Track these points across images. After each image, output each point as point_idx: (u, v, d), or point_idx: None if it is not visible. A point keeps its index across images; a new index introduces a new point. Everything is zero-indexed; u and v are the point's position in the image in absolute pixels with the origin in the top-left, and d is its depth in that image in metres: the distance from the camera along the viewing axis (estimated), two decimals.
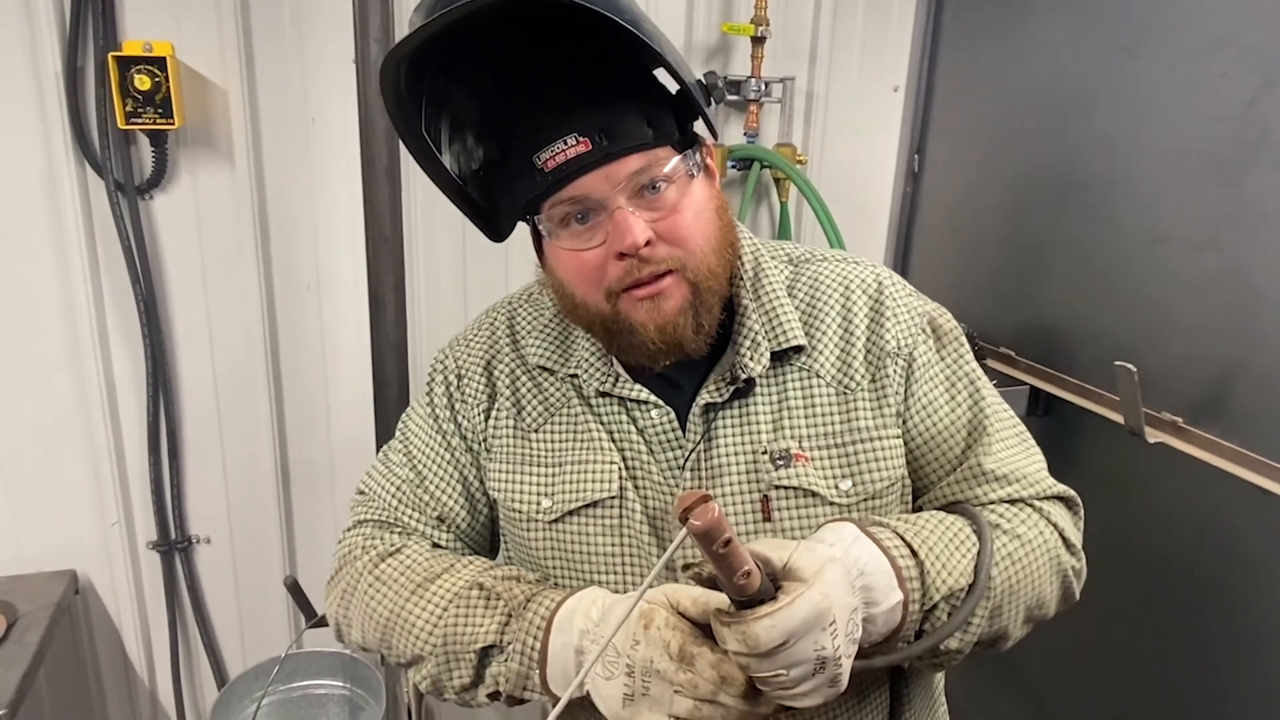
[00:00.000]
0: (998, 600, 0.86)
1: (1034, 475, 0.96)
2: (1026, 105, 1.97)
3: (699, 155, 0.89)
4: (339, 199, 2.03)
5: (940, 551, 0.84)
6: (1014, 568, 0.88)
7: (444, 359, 1.09)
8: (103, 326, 1.96)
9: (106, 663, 2.18)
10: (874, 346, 0.96)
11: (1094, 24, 1.76)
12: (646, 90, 0.84)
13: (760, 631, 0.68)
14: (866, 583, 0.77)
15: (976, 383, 1.00)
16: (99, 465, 2.03)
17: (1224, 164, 1.50)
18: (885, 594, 0.78)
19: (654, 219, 0.85)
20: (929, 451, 0.97)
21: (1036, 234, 1.94)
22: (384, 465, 1.10)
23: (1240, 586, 1.51)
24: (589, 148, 0.82)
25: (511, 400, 1.03)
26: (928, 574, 0.82)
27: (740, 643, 0.69)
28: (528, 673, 0.84)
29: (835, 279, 1.00)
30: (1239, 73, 1.47)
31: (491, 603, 0.90)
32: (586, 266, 0.88)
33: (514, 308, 1.10)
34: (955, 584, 0.83)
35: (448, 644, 0.90)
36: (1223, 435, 1.52)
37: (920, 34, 2.30)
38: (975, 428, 0.97)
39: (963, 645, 0.86)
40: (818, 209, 2.16)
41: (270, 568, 2.22)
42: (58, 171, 1.85)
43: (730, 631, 0.69)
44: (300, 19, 1.93)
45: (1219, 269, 1.52)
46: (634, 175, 0.84)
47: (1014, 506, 0.94)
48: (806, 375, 0.96)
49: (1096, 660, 1.82)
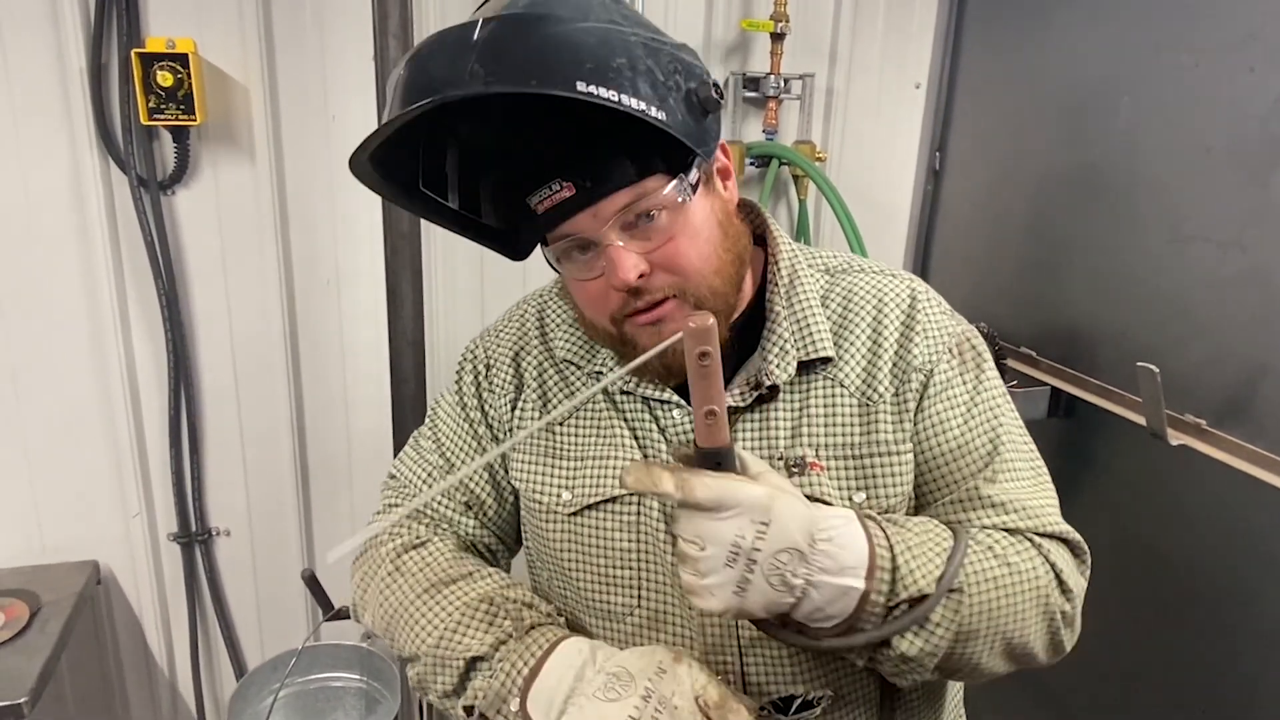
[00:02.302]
0: (971, 621, 0.82)
1: (1035, 509, 0.92)
2: (1049, 102, 1.94)
3: (696, 172, 0.87)
4: (358, 195, 2.01)
5: (918, 553, 0.80)
6: (996, 592, 0.83)
7: (474, 348, 1.11)
8: (125, 320, 1.99)
9: (127, 652, 2.21)
10: (901, 361, 0.95)
11: (1118, 20, 1.74)
12: (631, 122, 0.79)
13: (697, 484, 0.71)
14: (827, 548, 0.75)
15: (998, 411, 0.96)
16: (121, 458, 2.06)
17: (1250, 162, 1.48)
18: (842, 574, 0.75)
19: (648, 250, 0.86)
20: (933, 471, 0.95)
21: (1058, 233, 1.92)
22: (415, 451, 1.12)
23: (1265, 591, 1.49)
24: (574, 192, 0.83)
25: (538, 392, 1.04)
26: (899, 570, 0.78)
27: (676, 487, 0.71)
28: (507, 695, 0.85)
29: (869, 291, 0.99)
30: (1266, 69, 1.45)
31: (497, 621, 0.90)
32: (591, 296, 0.90)
33: (545, 300, 1.11)
34: (925, 587, 0.79)
35: (441, 647, 0.90)
36: (1247, 438, 1.50)
37: (942, 30, 2.28)
38: (989, 456, 0.93)
39: (921, 654, 0.81)
40: (837, 207, 2.14)
41: (289, 561, 2.24)
42: (82, 167, 1.87)
43: (672, 475, 0.71)
44: (321, 16, 1.94)
45: (1244, 269, 1.49)
46: (622, 211, 0.84)
47: (1011, 535, 0.89)
48: (831, 385, 0.95)
49: (1117, 665, 1.80)
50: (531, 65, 0.74)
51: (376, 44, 1.62)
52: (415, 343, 1.79)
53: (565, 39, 0.76)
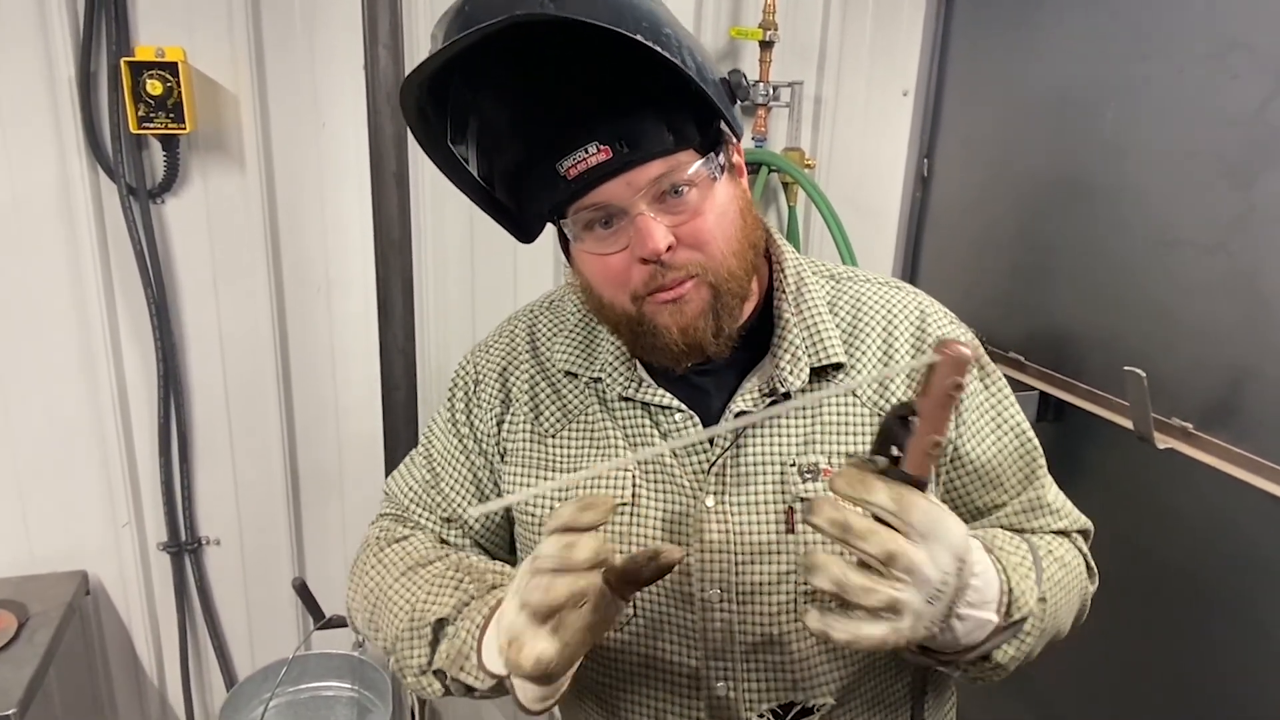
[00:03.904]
0: (1048, 622, 0.89)
1: (1070, 508, 1.04)
2: (1036, 109, 1.96)
3: (723, 155, 0.89)
4: (348, 203, 2.04)
5: (1021, 574, 0.85)
6: (1062, 594, 0.92)
7: (465, 365, 1.11)
8: (114, 329, 1.98)
9: (116, 663, 2.20)
10: (917, 373, 0.96)
11: (1104, 28, 1.76)
12: (668, 92, 0.83)
13: (918, 501, 0.69)
14: (977, 584, 0.76)
15: (1019, 415, 1.02)
16: (110, 467, 2.05)
17: (1234, 168, 1.49)
18: (984, 607, 0.77)
19: (675, 223, 0.85)
20: (981, 478, 0.98)
21: (1046, 238, 1.94)
22: (406, 467, 1.14)
23: (1250, 593, 1.50)
24: (610, 155, 0.82)
25: (530, 406, 1.04)
26: (1014, 596, 0.82)
27: (892, 500, 0.68)
28: (469, 653, 0.84)
29: (879, 302, 1.00)
30: (1250, 75, 1.46)
31: (463, 584, 0.91)
32: (611, 270, 0.88)
33: (534, 315, 1.11)
34: (1032, 607, 0.84)
35: (414, 619, 0.90)
36: (1233, 441, 1.51)
37: (930, 38, 2.30)
38: (1028, 458, 1.01)
39: (1012, 660, 0.86)
40: (826, 213, 2.15)
41: (279, 569, 2.24)
42: (70, 175, 1.86)
43: (887, 484, 0.69)
44: (311, 25, 1.94)
45: (1229, 273, 1.51)
46: (655, 181, 0.84)
47: (1059, 537, 1.00)
48: (844, 393, 0.96)
49: (1104, 666, 1.81)
50: (596, 5, 0.75)
51: (367, 53, 1.62)
52: (406, 351, 1.79)
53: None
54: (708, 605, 0.93)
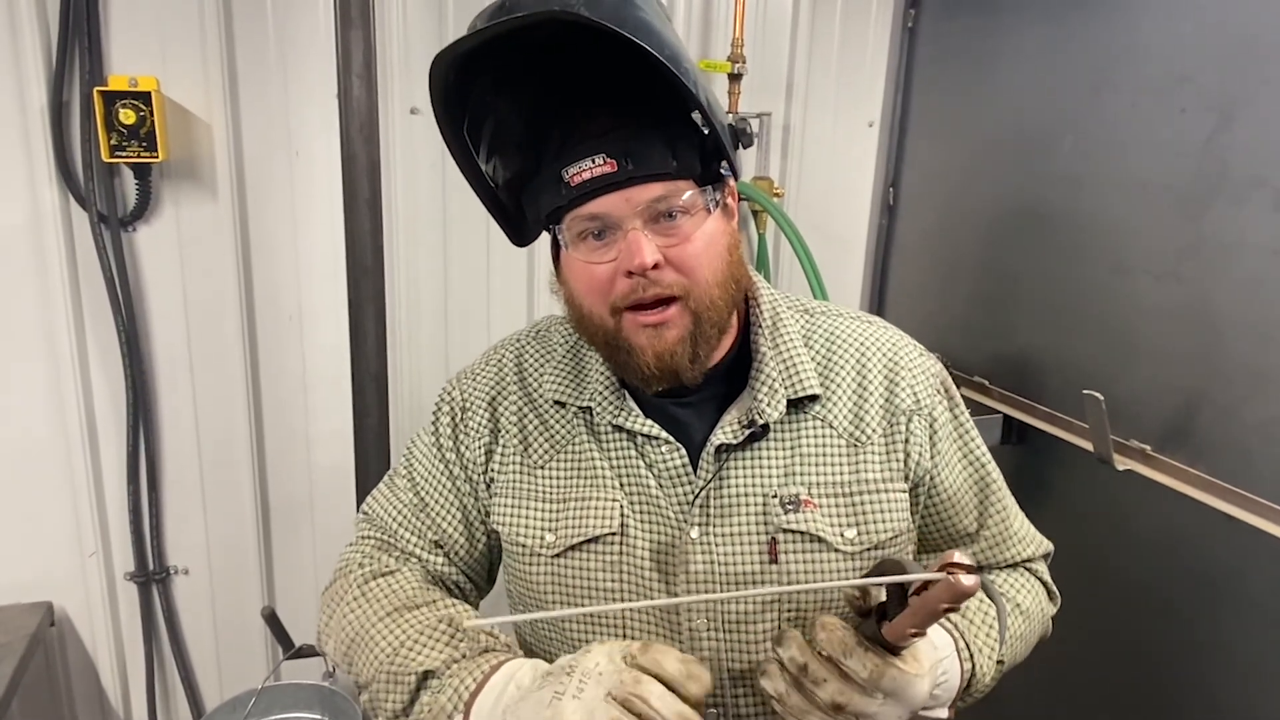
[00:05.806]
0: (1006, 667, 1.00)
1: (1033, 534, 1.10)
2: (997, 141, 2.02)
3: (719, 193, 0.93)
4: (321, 231, 2.05)
5: (982, 644, 0.96)
6: (1020, 643, 1.03)
7: (451, 390, 1.12)
8: (84, 357, 1.96)
9: (81, 695, 2.16)
10: (890, 405, 1.00)
11: (1061, 63, 1.82)
12: (677, 123, 0.87)
13: (896, 675, 0.80)
14: (939, 693, 0.89)
15: (979, 440, 1.07)
16: (77, 496, 2.02)
17: (1185, 198, 1.55)
18: (938, 709, 0.91)
19: (665, 245, 0.89)
20: (951, 504, 1.04)
21: (1008, 265, 1.99)
22: (388, 489, 1.12)
23: (1207, 608, 1.53)
24: (614, 169, 0.86)
25: (518, 437, 1.05)
26: (975, 675, 0.94)
27: (871, 670, 0.79)
28: (453, 713, 0.85)
29: (851, 337, 1.04)
30: (1198, 110, 1.52)
31: (455, 639, 0.91)
32: (596, 280, 0.91)
33: (522, 345, 1.12)
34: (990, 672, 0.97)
35: (395, 663, 0.91)
36: (1188, 462, 1.55)
37: (894, 71, 2.36)
38: (984, 484, 1.06)
39: (968, 703, 0.98)
40: (794, 241, 2.19)
41: (249, 599, 2.21)
42: (41, 203, 1.85)
43: (865, 653, 0.80)
44: (284, 55, 1.96)
45: (1182, 299, 1.56)
46: (653, 202, 0.87)
47: (1015, 573, 1.07)
48: (820, 425, 0.99)
49: (1065, 684, 1.83)
50: (625, 19, 0.78)
51: (340, 83, 1.64)
52: (378, 376, 1.79)
53: (652, 21, 0.81)
54: (695, 635, 0.95)
